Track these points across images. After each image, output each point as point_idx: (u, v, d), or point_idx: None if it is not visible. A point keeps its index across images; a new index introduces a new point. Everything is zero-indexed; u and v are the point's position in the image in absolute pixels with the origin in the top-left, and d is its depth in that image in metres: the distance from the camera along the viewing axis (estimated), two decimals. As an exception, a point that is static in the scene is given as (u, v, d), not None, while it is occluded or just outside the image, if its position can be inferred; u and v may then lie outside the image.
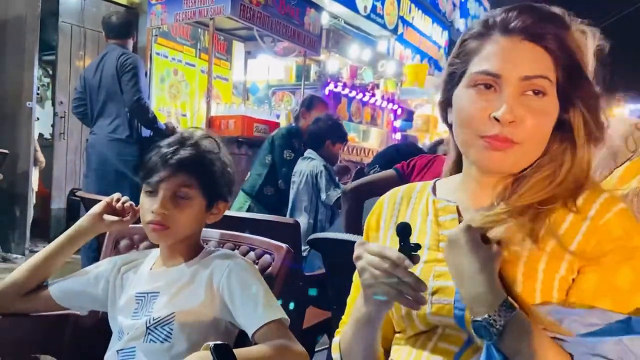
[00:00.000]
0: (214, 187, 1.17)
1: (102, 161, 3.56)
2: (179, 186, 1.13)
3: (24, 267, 1.21)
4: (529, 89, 0.78)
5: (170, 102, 6.18)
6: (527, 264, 0.77)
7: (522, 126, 0.78)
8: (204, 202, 1.16)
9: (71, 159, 5.23)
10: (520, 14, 0.80)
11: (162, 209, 1.11)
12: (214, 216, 1.21)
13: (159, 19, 5.37)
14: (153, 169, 1.14)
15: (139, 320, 1.12)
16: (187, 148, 1.14)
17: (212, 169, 1.16)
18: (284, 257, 1.24)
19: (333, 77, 6.50)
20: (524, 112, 0.78)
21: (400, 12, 8.01)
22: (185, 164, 1.13)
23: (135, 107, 3.45)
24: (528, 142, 0.79)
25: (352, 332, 0.88)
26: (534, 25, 0.79)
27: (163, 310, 1.12)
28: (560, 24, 0.81)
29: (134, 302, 1.16)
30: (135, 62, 3.51)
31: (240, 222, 1.78)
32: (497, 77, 0.79)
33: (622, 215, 0.77)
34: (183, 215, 1.13)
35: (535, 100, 0.79)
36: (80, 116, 3.81)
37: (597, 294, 0.75)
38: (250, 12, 5.07)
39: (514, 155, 0.79)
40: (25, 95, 4.49)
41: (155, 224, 1.12)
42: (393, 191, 1.00)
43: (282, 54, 6.27)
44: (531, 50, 0.79)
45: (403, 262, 0.74)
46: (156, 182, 1.12)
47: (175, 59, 6.17)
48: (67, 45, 5.16)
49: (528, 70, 0.78)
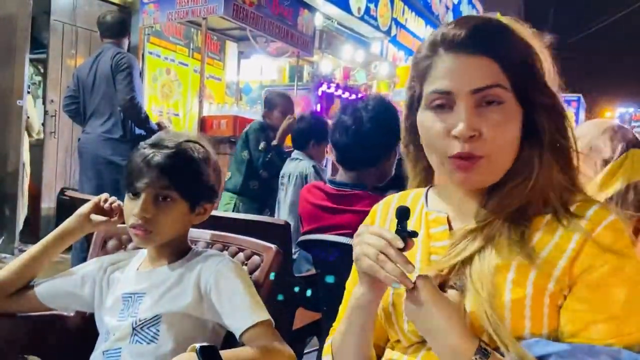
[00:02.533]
0: (196, 188, 1.16)
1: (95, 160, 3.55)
2: (160, 189, 1.11)
3: (10, 267, 1.21)
4: (483, 101, 0.77)
5: (163, 101, 6.16)
6: (515, 281, 0.75)
7: (482, 139, 0.77)
8: (186, 204, 1.15)
9: (62, 158, 5.19)
10: (458, 28, 0.80)
11: (143, 212, 1.10)
12: (199, 217, 1.20)
13: (151, 18, 5.35)
14: (133, 172, 1.13)
15: (125, 321, 1.12)
16: (166, 150, 1.13)
17: (193, 170, 1.15)
18: (273, 258, 1.24)
19: (326, 78, 6.50)
20: (482, 124, 0.77)
21: (394, 14, 8.02)
22: (165, 167, 1.11)
23: (128, 106, 3.44)
24: (493, 153, 0.78)
25: (346, 324, 0.87)
26: (473, 36, 0.78)
27: (149, 312, 1.11)
28: (499, 29, 0.81)
29: (120, 303, 1.15)
30: (130, 62, 3.50)
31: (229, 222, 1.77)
32: (448, 94, 0.79)
33: (613, 228, 0.75)
34: (165, 218, 1.12)
35: (492, 110, 0.77)
36: (71, 114, 3.79)
37: (590, 317, 0.73)
38: (243, 12, 5.06)
39: (481, 170, 0.79)
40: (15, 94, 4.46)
41: (137, 228, 1.11)
42: (387, 199, 1.00)
43: (275, 55, 6.27)
44: (477, 61, 0.78)
45: (396, 242, 0.75)
46: (137, 186, 1.11)
47: (168, 59, 6.14)
48: (59, 44, 5.12)
49: (476, 83, 0.77)
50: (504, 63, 0.78)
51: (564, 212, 0.78)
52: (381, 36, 7.73)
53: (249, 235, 1.32)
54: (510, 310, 0.75)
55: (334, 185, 1.80)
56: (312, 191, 1.85)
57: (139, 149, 1.16)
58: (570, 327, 0.74)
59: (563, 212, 0.78)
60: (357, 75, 7.43)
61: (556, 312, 0.75)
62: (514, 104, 0.79)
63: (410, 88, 0.88)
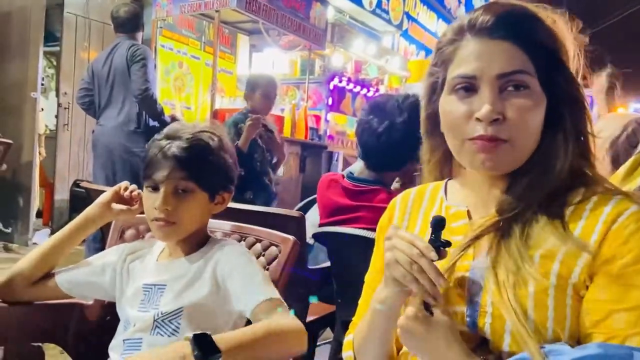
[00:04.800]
0: (214, 178, 1.16)
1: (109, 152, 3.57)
2: (178, 180, 1.11)
3: (31, 256, 1.21)
4: (509, 85, 0.77)
5: (175, 94, 6.17)
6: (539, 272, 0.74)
7: (506, 123, 0.77)
8: (205, 194, 1.15)
9: (75, 150, 5.23)
10: (485, 13, 0.80)
11: (165, 205, 1.10)
12: (218, 206, 1.20)
13: (164, 11, 5.36)
14: (150, 165, 1.13)
15: (147, 313, 1.12)
16: (182, 142, 1.12)
17: (210, 160, 1.15)
18: (290, 249, 1.24)
19: (337, 72, 6.48)
20: (506, 108, 0.77)
21: (406, 8, 7.97)
22: (182, 159, 1.11)
23: (142, 97, 3.44)
24: (516, 138, 0.78)
25: (368, 323, 0.87)
26: (500, 22, 0.78)
27: (171, 304, 1.11)
28: (526, 16, 0.80)
29: (141, 293, 1.15)
30: (145, 53, 3.52)
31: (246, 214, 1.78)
32: (474, 78, 0.79)
33: (636, 218, 0.74)
34: (187, 210, 1.12)
35: (517, 95, 0.77)
36: (84, 107, 3.81)
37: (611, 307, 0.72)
38: (256, 5, 5.05)
39: (504, 153, 0.78)
40: (29, 86, 4.49)
41: (161, 220, 1.11)
42: (405, 193, 0.99)
43: (287, 48, 6.25)
44: (502, 47, 0.78)
45: (429, 252, 0.74)
46: (156, 179, 1.11)
47: (180, 52, 6.15)
48: (72, 37, 5.15)
49: (503, 68, 0.77)
50: (530, 50, 0.78)
51: (587, 202, 0.78)
52: (393, 30, 7.68)
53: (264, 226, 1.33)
54: (534, 300, 0.74)
55: (352, 180, 1.79)
56: (331, 185, 1.84)
57: (155, 140, 1.16)
58: (592, 317, 0.73)
59: (586, 203, 0.78)
60: (368, 69, 7.40)
61: (579, 302, 0.75)
62: (539, 91, 0.79)
63: (431, 74, 0.87)
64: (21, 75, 4.52)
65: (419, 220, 0.93)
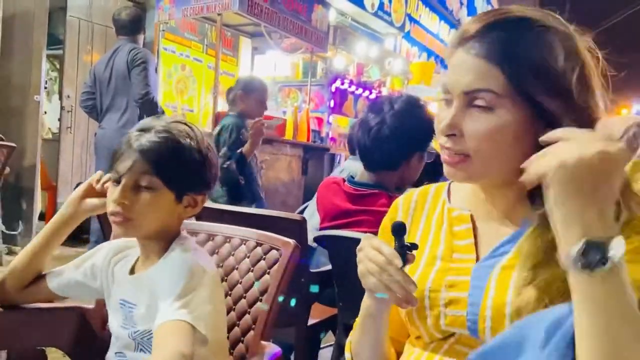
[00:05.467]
0: (182, 177, 1.05)
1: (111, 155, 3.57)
2: (141, 174, 1.01)
3: (17, 260, 1.16)
4: (474, 102, 0.76)
5: (178, 97, 6.19)
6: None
7: (463, 139, 0.77)
8: (170, 194, 1.04)
9: (78, 152, 5.24)
10: (472, 23, 0.78)
11: (121, 198, 1.01)
12: (189, 210, 1.09)
13: (166, 14, 5.37)
14: (116, 155, 1.04)
15: (127, 330, 1.07)
16: (151, 134, 1.03)
17: (179, 157, 1.03)
18: (291, 253, 1.24)
19: (340, 74, 6.49)
20: (463, 124, 0.76)
21: (408, 10, 7.97)
22: (147, 152, 1.01)
23: (143, 101, 3.46)
24: (475, 153, 0.77)
25: (360, 328, 0.89)
26: (480, 36, 0.76)
27: (144, 324, 1.04)
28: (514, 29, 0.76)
29: (119, 308, 1.09)
30: (146, 57, 3.53)
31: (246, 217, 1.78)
32: (447, 92, 0.80)
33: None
34: (146, 207, 1.02)
35: (478, 113, 0.76)
36: (87, 110, 3.83)
37: None
38: (258, 8, 5.07)
39: (466, 167, 0.79)
40: (32, 89, 4.50)
41: (116, 215, 1.02)
42: (407, 194, 0.99)
43: (289, 51, 6.26)
44: (475, 63, 0.76)
45: (394, 259, 0.75)
46: (119, 170, 1.03)
47: (183, 54, 6.18)
48: (75, 40, 5.17)
49: (469, 85, 0.76)
50: (508, 69, 0.74)
51: None
52: (395, 32, 7.69)
53: (265, 230, 1.33)
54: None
55: (353, 185, 1.78)
56: (332, 188, 1.84)
57: (129, 132, 1.07)
58: None
59: None
60: (370, 71, 7.40)
61: None
62: (507, 111, 0.75)
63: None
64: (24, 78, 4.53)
65: (421, 222, 0.93)
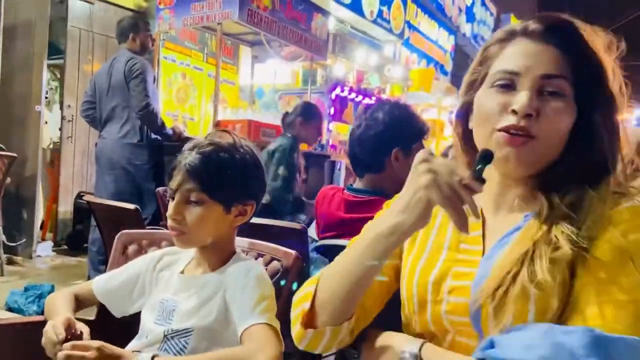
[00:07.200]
0: (227, 191, 1.14)
1: (112, 165, 3.58)
2: (189, 191, 1.12)
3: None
4: (547, 89, 0.80)
5: (178, 106, 6.21)
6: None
7: (538, 120, 0.79)
8: (218, 206, 1.14)
9: (78, 162, 5.25)
10: (538, 21, 0.84)
11: (174, 214, 1.13)
12: (240, 218, 1.19)
13: (166, 24, 5.39)
14: (170, 175, 1.16)
15: (161, 326, 1.12)
16: (196, 153, 1.14)
17: (223, 173, 1.13)
18: (292, 264, 1.24)
19: (339, 82, 6.50)
20: (541, 107, 0.79)
21: (407, 17, 8.00)
22: (193, 170, 1.12)
23: (143, 113, 3.47)
24: (544, 138, 0.79)
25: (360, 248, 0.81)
26: (552, 30, 0.82)
27: (182, 323, 1.11)
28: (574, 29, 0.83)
29: (157, 306, 1.16)
30: (143, 67, 3.53)
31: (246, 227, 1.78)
32: (517, 75, 0.81)
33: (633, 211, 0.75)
34: (197, 220, 1.12)
35: (552, 100, 0.80)
36: (88, 119, 3.84)
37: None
38: (258, 17, 5.08)
39: (530, 150, 0.79)
40: (33, 99, 4.52)
41: (172, 229, 1.14)
42: None
43: (289, 59, 6.28)
44: (551, 51, 0.81)
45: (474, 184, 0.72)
46: (171, 188, 1.14)
47: (183, 63, 6.20)
48: (76, 50, 5.19)
49: (548, 69, 0.80)
50: (574, 61, 0.81)
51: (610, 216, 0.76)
52: (394, 39, 7.71)
53: (266, 240, 1.33)
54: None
55: (351, 192, 1.79)
56: (330, 196, 1.84)
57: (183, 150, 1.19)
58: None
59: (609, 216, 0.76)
60: (370, 78, 7.42)
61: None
62: (571, 102, 0.81)
63: (473, 72, 0.89)
64: (25, 88, 4.55)
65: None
